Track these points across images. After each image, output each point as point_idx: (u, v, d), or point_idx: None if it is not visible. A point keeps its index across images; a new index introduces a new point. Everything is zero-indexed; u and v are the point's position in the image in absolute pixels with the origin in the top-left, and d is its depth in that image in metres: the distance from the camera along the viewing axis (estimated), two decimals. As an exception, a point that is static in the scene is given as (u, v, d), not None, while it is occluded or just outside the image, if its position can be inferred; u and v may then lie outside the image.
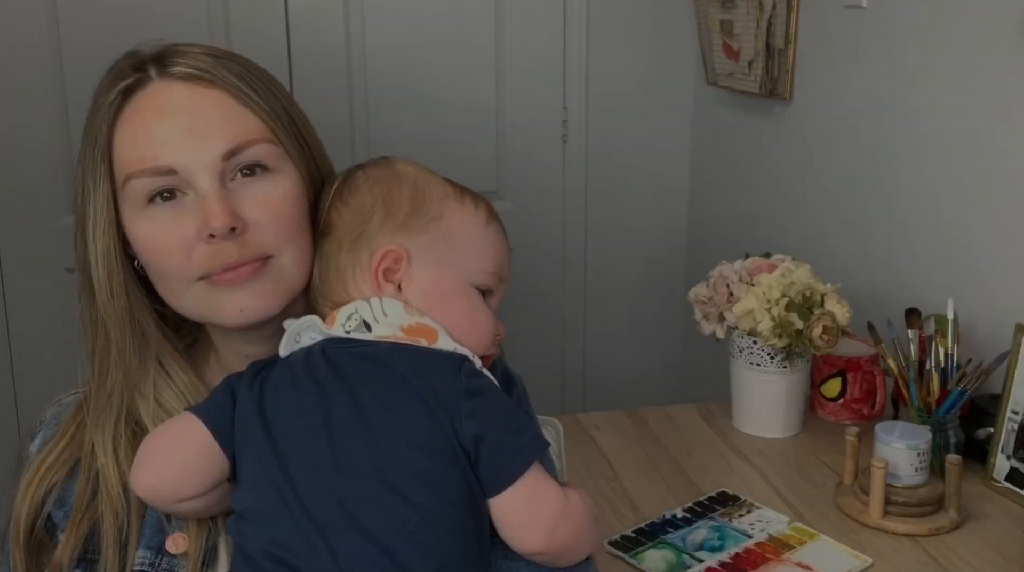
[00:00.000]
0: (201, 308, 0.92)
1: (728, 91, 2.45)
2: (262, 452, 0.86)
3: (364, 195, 0.93)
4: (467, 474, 0.84)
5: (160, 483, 0.90)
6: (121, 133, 0.91)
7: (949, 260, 1.72)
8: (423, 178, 0.95)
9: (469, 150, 2.60)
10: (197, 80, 0.91)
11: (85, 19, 2.33)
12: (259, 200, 0.91)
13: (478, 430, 0.83)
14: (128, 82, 0.91)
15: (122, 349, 0.95)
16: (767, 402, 1.64)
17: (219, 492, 0.91)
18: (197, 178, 0.89)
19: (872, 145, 1.92)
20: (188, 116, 0.90)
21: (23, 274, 2.43)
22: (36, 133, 2.36)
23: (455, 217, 0.93)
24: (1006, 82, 1.57)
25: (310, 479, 0.83)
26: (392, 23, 2.50)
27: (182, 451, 0.89)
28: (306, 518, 0.82)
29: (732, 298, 1.61)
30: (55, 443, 0.98)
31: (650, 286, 2.81)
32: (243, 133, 0.91)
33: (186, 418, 0.90)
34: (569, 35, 2.60)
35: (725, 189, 2.56)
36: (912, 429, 1.39)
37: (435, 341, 0.88)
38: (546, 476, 0.87)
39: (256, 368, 0.91)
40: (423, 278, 0.90)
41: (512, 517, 0.85)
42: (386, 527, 0.81)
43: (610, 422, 1.73)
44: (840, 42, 1.99)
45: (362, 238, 0.91)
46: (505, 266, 0.96)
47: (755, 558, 1.31)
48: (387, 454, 0.83)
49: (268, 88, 0.95)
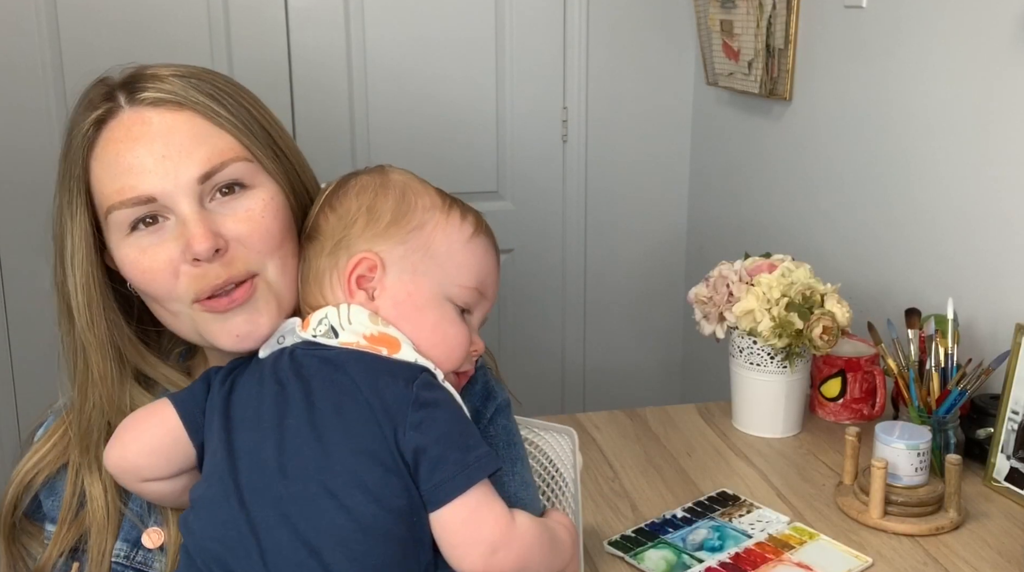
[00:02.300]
0: (198, 330, 0.93)
1: (728, 91, 2.45)
2: (218, 445, 0.87)
3: (351, 201, 0.93)
4: (408, 485, 0.83)
5: (125, 460, 0.92)
6: (97, 164, 0.92)
7: (949, 260, 1.72)
8: (413, 187, 0.94)
9: (469, 150, 2.60)
10: (166, 104, 0.91)
11: (86, 20, 2.34)
12: (239, 216, 0.91)
13: (420, 442, 0.83)
14: (99, 112, 0.92)
15: (103, 374, 0.96)
16: (767, 402, 1.64)
17: (187, 479, 0.92)
18: (176, 203, 0.90)
19: (872, 145, 1.92)
20: (160, 142, 0.90)
21: (23, 274, 2.43)
22: (36, 133, 2.36)
23: (437, 228, 0.92)
24: (1005, 82, 1.57)
25: (253, 475, 0.84)
26: (392, 23, 2.50)
27: (150, 432, 0.91)
28: (242, 513, 0.83)
29: (732, 298, 1.61)
30: (46, 439, 1.01)
31: (650, 286, 2.81)
32: (217, 154, 0.91)
33: (162, 403, 0.92)
34: (569, 35, 2.60)
35: (725, 189, 2.56)
36: (912, 429, 1.40)
37: (396, 351, 0.88)
38: (492, 498, 0.85)
39: (233, 364, 0.93)
40: (396, 287, 0.90)
41: (449, 536, 0.84)
42: (319, 531, 0.82)
43: (610, 422, 1.73)
44: (840, 42, 1.99)
45: (342, 243, 0.91)
46: (488, 283, 0.95)
47: (755, 558, 1.31)
48: (330, 458, 0.83)
49: (239, 103, 0.95)
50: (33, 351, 2.45)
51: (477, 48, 2.56)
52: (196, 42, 2.40)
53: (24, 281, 2.43)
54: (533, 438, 1.14)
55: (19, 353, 2.46)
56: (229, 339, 0.92)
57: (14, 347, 2.46)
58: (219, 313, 0.91)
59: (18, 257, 2.42)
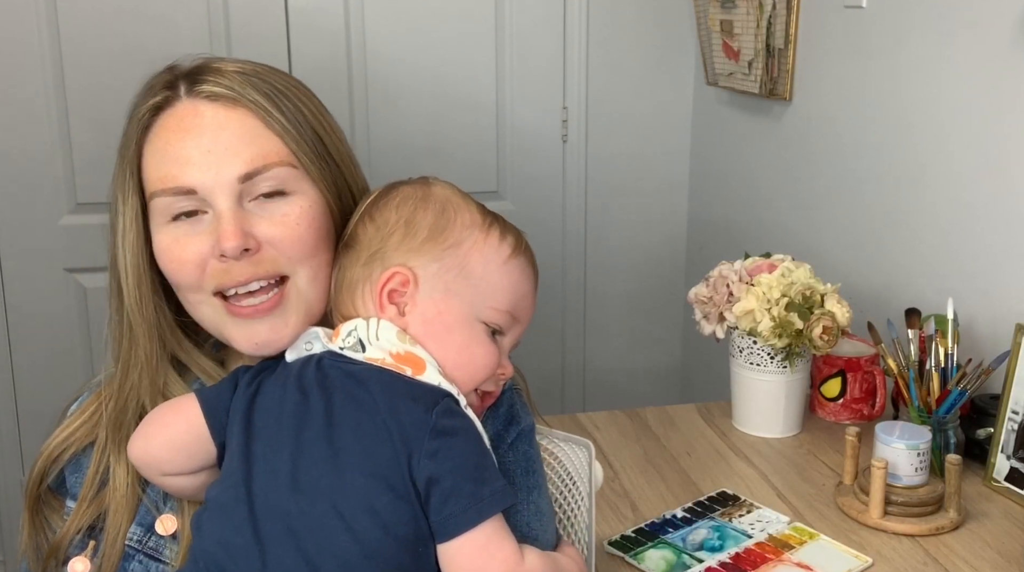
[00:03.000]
0: (217, 326, 0.94)
1: (728, 91, 2.45)
2: (236, 449, 0.87)
3: (390, 212, 0.92)
4: (417, 514, 0.82)
5: (147, 453, 0.93)
6: (149, 149, 0.94)
7: (949, 260, 1.72)
8: (454, 203, 0.93)
9: (469, 150, 2.60)
10: (222, 99, 0.93)
11: (85, 19, 2.33)
12: (275, 219, 0.92)
13: (434, 472, 0.81)
14: (157, 99, 0.94)
15: (148, 355, 0.97)
16: (767, 402, 1.64)
17: (206, 476, 0.93)
18: (215, 198, 0.91)
19: (872, 145, 1.92)
20: (209, 137, 0.91)
21: (23, 274, 2.43)
22: (36, 133, 2.36)
23: (475, 247, 0.91)
24: (1006, 82, 1.57)
25: (266, 485, 0.84)
26: (392, 23, 2.50)
27: (174, 426, 0.92)
28: (250, 522, 0.83)
29: (732, 298, 1.61)
30: (77, 415, 1.03)
31: (650, 286, 2.81)
32: (261, 156, 0.92)
33: (187, 398, 0.93)
34: (569, 35, 2.60)
35: (725, 189, 2.56)
36: (912, 429, 1.39)
37: (421, 372, 0.86)
38: (502, 535, 0.83)
39: (262, 366, 0.92)
40: (426, 304, 0.89)
41: (456, 569, 0.82)
42: (322, 550, 0.81)
43: (610, 422, 1.73)
44: (840, 42, 1.99)
45: (377, 255, 0.91)
46: (523, 306, 0.94)
47: (755, 558, 1.31)
48: (343, 477, 0.82)
49: (295, 106, 0.96)
50: (33, 351, 2.45)
51: (477, 48, 2.56)
52: (196, 42, 2.40)
53: (25, 281, 2.43)
54: (551, 448, 1.12)
55: (19, 353, 2.46)
56: (248, 344, 0.93)
57: (14, 347, 2.46)
58: (244, 318, 0.92)
59: (18, 257, 2.42)
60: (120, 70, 2.23)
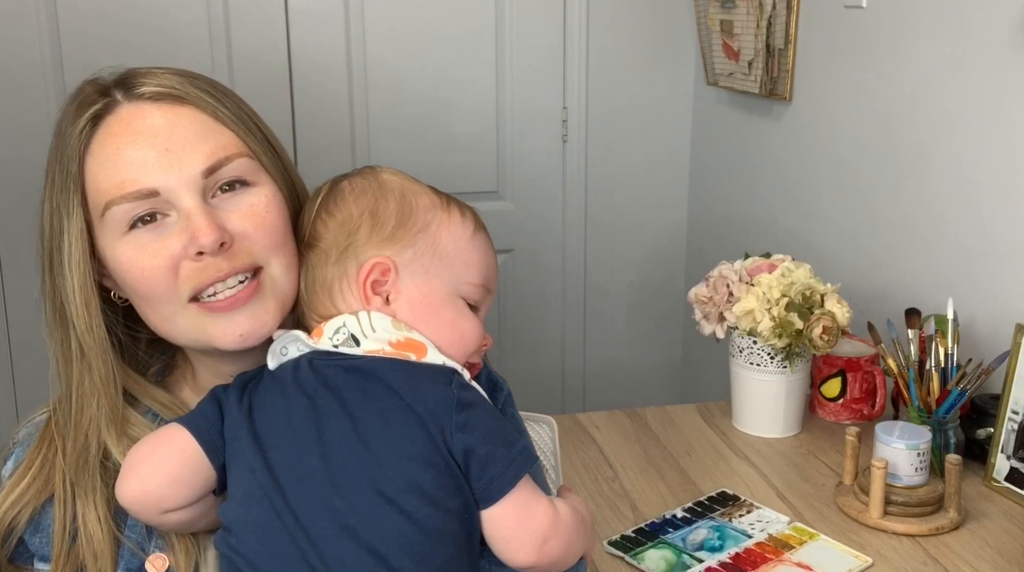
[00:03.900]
0: (196, 333, 0.91)
1: (728, 91, 2.45)
2: (252, 464, 0.85)
3: (350, 207, 0.92)
4: (460, 484, 0.84)
5: (146, 493, 0.88)
6: (95, 161, 0.89)
7: (949, 260, 1.72)
8: (409, 188, 0.94)
9: (469, 150, 2.60)
10: (167, 99, 0.90)
11: (86, 20, 2.33)
12: (243, 211, 0.91)
13: (468, 443, 0.83)
14: (96, 108, 0.90)
15: (105, 379, 0.92)
16: (767, 402, 1.64)
17: (204, 505, 0.90)
18: (179, 198, 0.88)
19: (872, 145, 1.92)
20: (164, 136, 0.89)
21: (23, 274, 2.43)
22: (36, 133, 2.36)
23: (442, 228, 0.92)
24: (1005, 81, 1.57)
25: (302, 490, 0.83)
26: (392, 23, 2.50)
27: (169, 461, 0.88)
28: (300, 529, 0.82)
29: (732, 298, 1.61)
30: (21, 473, 0.96)
31: (650, 286, 2.81)
32: (221, 149, 0.90)
33: (173, 428, 0.89)
34: (569, 35, 2.60)
35: (725, 189, 2.56)
36: (912, 429, 1.40)
37: (424, 355, 0.88)
38: (536, 490, 0.86)
39: (243, 380, 0.90)
40: (411, 290, 0.90)
41: (503, 531, 0.85)
42: (383, 538, 0.81)
43: (610, 422, 1.73)
44: (840, 42, 1.99)
45: (349, 250, 0.91)
46: (492, 278, 0.96)
47: (755, 558, 1.31)
48: (381, 466, 0.83)
49: (236, 103, 0.94)
50: (33, 351, 2.45)
51: (477, 48, 2.56)
52: (196, 42, 2.40)
53: (24, 281, 2.43)
54: None
55: (19, 353, 2.46)
56: (232, 339, 0.90)
57: (14, 347, 2.46)
58: (222, 312, 0.90)
59: (18, 257, 2.43)
60: (120, 70, 2.23)
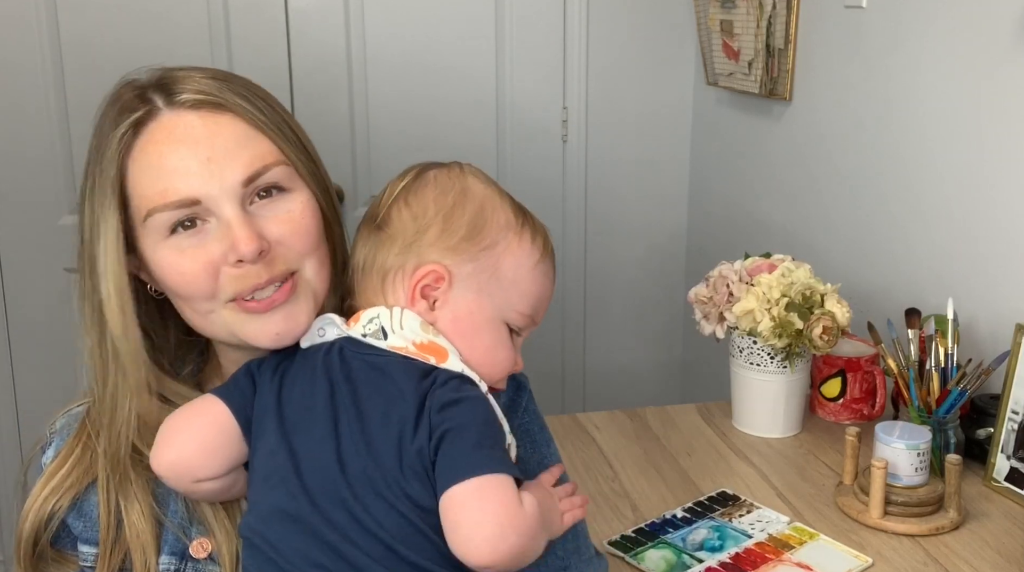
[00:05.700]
0: (232, 330, 0.93)
1: (728, 91, 2.45)
2: (276, 446, 0.87)
3: (428, 203, 0.93)
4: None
5: (180, 461, 0.90)
6: (136, 166, 0.91)
7: (949, 260, 1.72)
8: (490, 202, 0.94)
9: (469, 150, 2.59)
10: (206, 106, 0.92)
11: (85, 20, 2.33)
12: (281, 218, 0.92)
13: (448, 426, 0.82)
14: (138, 115, 0.91)
15: (139, 382, 0.94)
16: (767, 402, 1.64)
17: (234, 476, 0.92)
18: (220, 207, 0.90)
19: (872, 145, 1.92)
20: (205, 145, 0.90)
21: (23, 274, 2.43)
22: (36, 133, 2.36)
23: (508, 251, 0.93)
24: (1005, 81, 1.57)
25: (320, 478, 0.85)
26: (392, 23, 2.50)
27: (203, 430, 0.90)
28: (315, 513, 0.84)
29: (732, 298, 1.61)
30: (61, 460, 0.99)
31: (650, 286, 2.81)
32: (259, 158, 0.92)
33: (209, 399, 0.92)
34: (569, 35, 2.60)
35: (725, 189, 2.56)
36: (912, 429, 1.39)
37: (444, 361, 0.88)
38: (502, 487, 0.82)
39: (278, 358, 0.92)
40: (459, 303, 0.91)
41: (458, 515, 0.81)
42: (386, 530, 0.83)
43: (610, 422, 1.73)
44: (840, 42, 1.99)
45: (413, 247, 0.91)
46: (542, 309, 0.96)
47: (755, 558, 1.31)
48: (380, 468, 0.84)
49: (272, 107, 0.96)
50: (33, 351, 2.45)
51: (477, 48, 2.56)
52: (196, 42, 2.40)
53: (25, 281, 2.43)
54: None
55: (19, 353, 2.46)
56: (267, 338, 0.92)
57: (14, 347, 2.46)
58: (258, 313, 0.92)
59: (18, 257, 2.42)
60: (120, 70, 2.21)
